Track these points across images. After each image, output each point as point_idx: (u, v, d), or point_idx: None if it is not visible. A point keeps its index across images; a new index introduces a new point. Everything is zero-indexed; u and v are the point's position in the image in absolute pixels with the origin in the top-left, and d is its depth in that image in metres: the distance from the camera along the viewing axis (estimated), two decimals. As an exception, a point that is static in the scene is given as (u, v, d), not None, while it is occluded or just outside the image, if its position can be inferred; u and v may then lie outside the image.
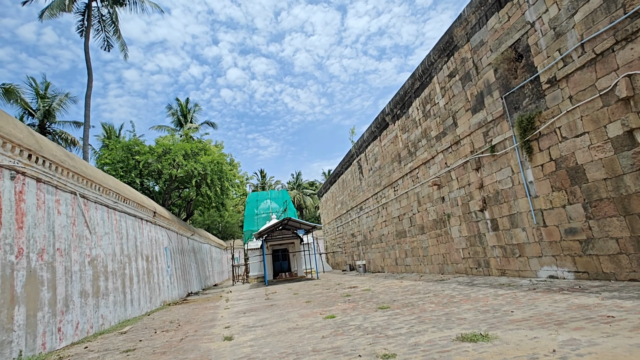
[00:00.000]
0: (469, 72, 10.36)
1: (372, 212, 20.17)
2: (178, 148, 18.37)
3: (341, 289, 12.27)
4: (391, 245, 17.57)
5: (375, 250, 20.02)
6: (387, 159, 17.17)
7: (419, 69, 13.17)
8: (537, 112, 8.01)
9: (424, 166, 13.56)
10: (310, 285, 15.78)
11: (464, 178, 11.03)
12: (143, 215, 13.41)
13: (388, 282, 12.83)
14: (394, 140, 16.29)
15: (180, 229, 19.74)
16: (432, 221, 13.26)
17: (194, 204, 26.88)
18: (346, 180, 25.15)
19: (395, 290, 9.85)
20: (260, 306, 10.36)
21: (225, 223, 48.31)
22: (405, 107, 14.82)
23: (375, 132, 18.49)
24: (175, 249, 18.03)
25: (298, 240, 26.05)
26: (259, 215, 36.38)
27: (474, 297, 7.02)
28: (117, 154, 17.86)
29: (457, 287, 8.82)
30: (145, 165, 17.97)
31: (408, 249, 15.63)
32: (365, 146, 20.29)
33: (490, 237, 10.00)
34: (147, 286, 12.67)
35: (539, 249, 8.29)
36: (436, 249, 13.17)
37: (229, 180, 20.88)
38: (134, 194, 12.60)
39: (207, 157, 18.84)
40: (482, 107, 9.87)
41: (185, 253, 20.61)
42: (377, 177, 18.74)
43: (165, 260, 15.94)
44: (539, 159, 8.10)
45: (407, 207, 15.42)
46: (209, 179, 18.58)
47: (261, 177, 54.82)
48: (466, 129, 10.67)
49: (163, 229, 16.34)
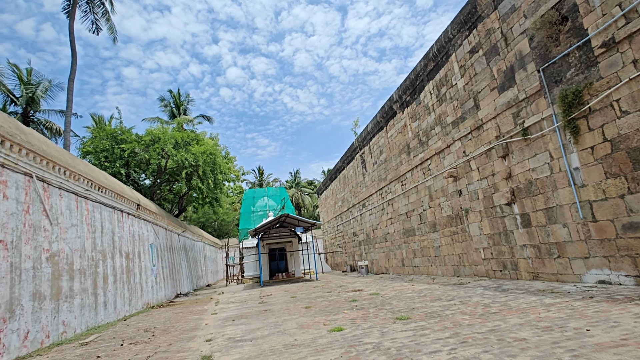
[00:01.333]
0: (495, 45, 9.02)
1: (376, 209, 18.80)
2: (168, 137, 16.95)
3: (345, 292, 10.90)
4: (397, 245, 16.20)
5: (379, 250, 18.65)
6: (394, 150, 15.81)
7: (433, 48, 11.82)
8: (586, 84, 6.67)
9: (437, 156, 12.20)
10: (309, 287, 14.40)
11: (487, 167, 9.68)
12: (124, 207, 11.99)
13: (397, 285, 11.47)
14: (402, 129, 14.93)
15: (169, 225, 18.32)
16: (446, 217, 11.91)
17: (186, 199, 25.45)
18: (348, 176, 23.78)
19: (409, 295, 8.48)
20: (252, 312, 8.97)
21: (220, 221, 46.83)
22: (416, 92, 13.47)
23: (381, 122, 17.14)
24: (163, 246, 16.61)
25: (296, 239, 24.64)
26: (255, 213, 34.98)
27: (516, 306, 5.65)
28: (100, 142, 16.42)
29: (485, 292, 7.46)
30: (131, 155, 16.53)
31: (417, 249, 14.27)
32: (370, 138, 18.94)
33: (519, 234, 8.65)
34: (125, 287, 11.25)
35: (586, 249, 6.94)
36: (450, 249, 11.81)
37: (223, 174, 19.45)
38: (112, 182, 11.19)
39: (199, 147, 17.42)
40: (512, 84, 8.52)
41: (175, 251, 19.19)
42: (383, 171, 17.38)
43: (151, 258, 14.52)
44: (587, 140, 6.75)
45: (416, 203, 14.06)
46: (200, 171, 17.15)
47: (259, 175, 53.39)
48: (491, 111, 9.32)
49: (149, 223, 14.92)
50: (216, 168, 18.49)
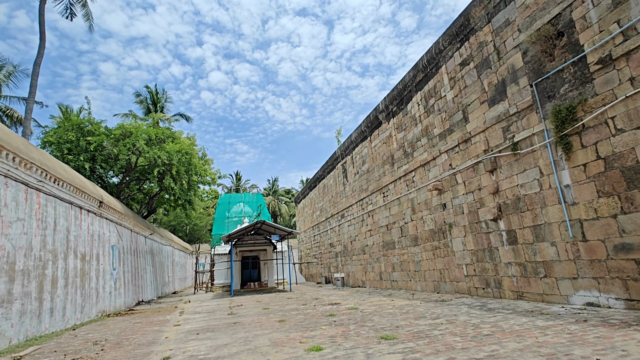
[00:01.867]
0: (487, 58, 8.91)
1: (355, 220, 18.38)
2: (141, 132, 15.91)
3: (321, 306, 10.27)
4: (376, 258, 15.78)
5: (356, 263, 18.16)
6: (378, 161, 15.53)
7: (423, 59, 11.69)
8: (580, 100, 6.55)
9: (422, 168, 11.97)
10: (282, 299, 13.64)
11: (474, 182, 9.47)
12: (83, 203, 10.91)
13: (375, 299, 10.96)
14: (387, 140, 14.69)
15: (136, 226, 17.09)
16: (429, 231, 11.61)
17: (157, 201, 24.10)
18: (328, 185, 23.33)
19: (390, 311, 7.98)
20: (220, 324, 8.17)
21: (192, 225, 45.00)
22: (403, 102, 13.29)
23: (365, 132, 16.88)
24: (126, 248, 15.38)
25: (271, 248, 23.79)
26: (230, 218, 33.81)
27: (508, 328, 5.26)
28: (65, 133, 15.16)
29: (471, 311, 7.08)
30: (98, 149, 15.34)
31: (396, 263, 13.88)
32: (353, 148, 18.63)
33: (504, 252, 8.40)
34: (78, 292, 10.12)
35: (574, 269, 6.72)
36: (432, 264, 11.49)
37: (199, 175, 18.48)
38: (71, 175, 10.14)
39: (174, 145, 16.45)
40: (504, 98, 8.39)
41: (140, 254, 17.89)
42: (364, 181, 17.05)
43: (111, 261, 13.33)
44: (580, 157, 6.60)
45: (398, 215, 13.74)
46: (174, 170, 16.15)
47: (236, 180, 52.08)
48: (480, 125, 9.16)
49: (112, 223, 13.76)
50: (191, 169, 17.52)
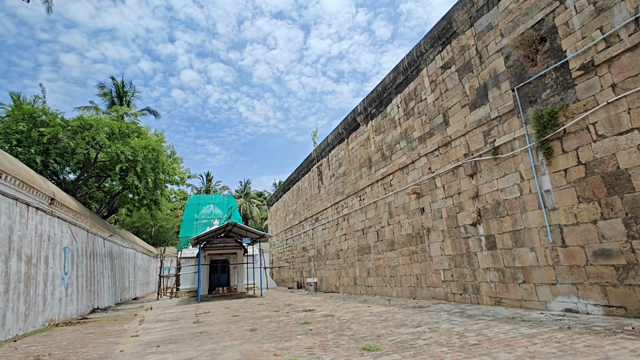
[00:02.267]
0: (469, 62, 8.89)
1: (330, 224, 18.03)
2: (102, 125, 14.72)
3: (294, 312, 9.75)
4: (350, 263, 15.47)
5: (330, 267, 17.78)
6: (355, 164, 15.29)
7: (404, 62, 11.60)
8: (562, 106, 6.56)
9: (401, 172, 11.82)
10: (253, 305, 12.96)
11: (453, 186, 9.38)
12: (31, 199, 9.77)
13: (351, 305, 10.59)
14: (364, 142, 14.49)
15: (93, 227, 15.76)
16: (406, 236, 11.44)
17: (119, 200, 22.57)
18: (302, 188, 22.86)
19: (368, 319, 7.63)
20: (184, 334, 7.46)
21: (158, 227, 42.85)
22: (382, 105, 13.14)
23: (342, 134, 16.62)
24: (81, 250, 14.08)
25: (241, 251, 22.92)
26: (199, 220, 32.51)
27: (494, 337, 5.04)
28: (14, 123, 13.71)
29: (452, 318, 6.86)
30: (53, 141, 14.00)
31: (372, 268, 13.63)
32: (329, 150, 18.32)
33: (483, 257, 8.32)
34: (22, 299, 8.97)
35: (553, 275, 6.69)
36: (408, 269, 11.31)
37: (166, 174, 17.41)
38: (17, 167, 9.03)
39: (140, 140, 15.36)
40: (485, 102, 8.36)
41: (97, 257, 16.52)
42: (340, 184, 16.75)
43: (63, 264, 12.10)
44: (561, 162, 6.60)
45: (374, 219, 13.51)
46: (139, 167, 15.04)
47: (206, 181, 50.35)
48: (460, 128, 9.10)
49: (65, 223, 12.52)
50: (158, 166, 16.45)
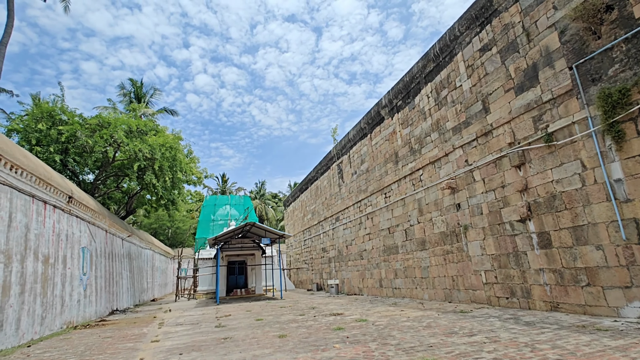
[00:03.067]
0: (514, 42, 8.06)
1: (352, 224, 17.30)
2: (120, 123, 14.44)
3: (322, 317, 9.08)
4: (375, 263, 14.70)
5: (352, 268, 17.04)
6: (379, 159, 14.54)
7: (434, 48, 10.81)
8: (636, 81, 5.70)
9: (432, 166, 11.02)
10: (274, 308, 12.36)
11: (495, 179, 8.54)
12: (48, 197, 9.43)
13: (381, 309, 9.85)
14: (390, 137, 13.73)
15: (112, 227, 15.50)
16: (439, 234, 10.62)
17: (137, 200, 22.43)
18: (321, 187, 22.21)
19: (407, 325, 6.88)
20: (207, 340, 6.88)
21: (175, 228, 42.96)
22: (410, 96, 12.37)
23: (365, 129, 15.90)
24: (100, 251, 13.80)
25: (259, 252, 22.42)
26: (215, 221, 32.27)
27: (576, 350, 4.24)
28: (33, 121, 13.54)
29: (507, 325, 6.05)
30: (71, 139, 13.77)
31: (399, 269, 12.83)
32: (350, 146, 17.62)
33: (535, 257, 7.46)
34: (38, 301, 8.60)
35: (627, 277, 5.81)
36: (442, 270, 10.48)
37: (184, 172, 17.05)
38: (34, 163, 8.68)
39: (157, 138, 15.02)
40: (534, 84, 7.52)
41: (116, 258, 16.26)
42: (363, 181, 16.02)
43: (81, 264, 11.78)
44: (635, 147, 5.72)
45: (402, 217, 12.73)
46: (156, 166, 14.68)
47: (222, 182, 50.33)
48: (504, 115, 8.27)
49: (84, 222, 12.22)
50: (176, 165, 16.09)
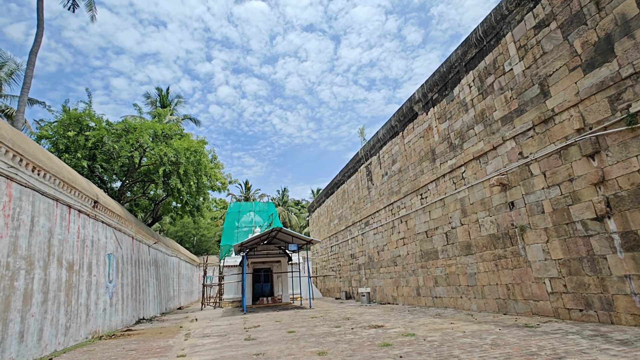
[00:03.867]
0: (578, 13, 7.02)
1: (383, 228, 16.31)
2: (145, 127, 14.25)
3: (360, 329, 8.18)
4: (411, 270, 13.63)
5: (385, 276, 16.00)
6: (413, 158, 13.57)
7: (477, 31, 9.85)
8: None
9: (477, 162, 9.97)
10: (305, 318, 11.54)
11: (560, 171, 7.44)
12: (73, 201, 9.11)
13: (426, 321, 8.83)
14: (425, 133, 12.77)
15: (138, 233, 15.26)
16: (488, 237, 9.51)
17: (162, 207, 22.37)
18: (348, 191, 21.36)
19: (467, 342, 5.89)
20: (238, 356, 6.15)
21: (200, 236, 43.16)
22: (447, 87, 11.41)
23: (396, 127, 14.99)
24: (126, 258, 13.51)
25: (285, 259, 21.74)
26: (239, 228, 31.98)
27: None
28: (61, 128, 13.55)
29: (599, 346, 4.96)
30: (98, 145, 13.67)
31: (440, 276, 11.74)
32: (380, 146, 16.73)
33: (618, 261, 6.30)
34: (62, 309, 8.20)
35: None
36: (493, 277, 9.35)
37: (209, 177, 16.69)
38: (58, 165, 8.37)
39: (182, 142, 14.73)
40: (609, 58, 6.44)
41: (142, 265, 16.00)
42: (395, 183, 15.06)
43: (107, 272, 11.45)
44: None
45: (441, 219, 11.67)
46: (182, 170, 14.36)
47: (245, 189, 50.39)
48: (569, 97, 7.20)
49: (109, 228, 11.94)
50: (201, 169, 15.74)
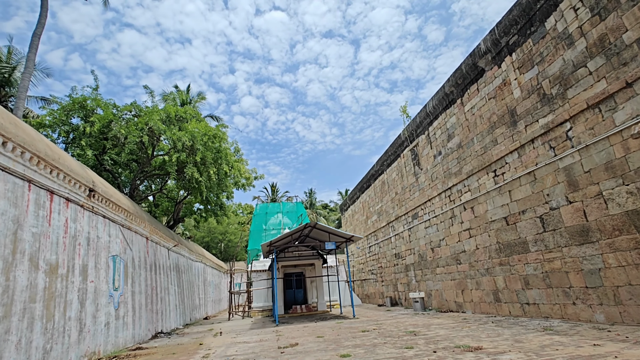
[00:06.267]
0: None
1: (438, 219, 13.49)
2: (156, 109, 12.32)
3: (448, 353, 5.52)
4: (484, 268, 10.74)
5: (443, 277, 13.13)
6: (480, 127, 10.78)
7: None
8: None
9: (593, 111, 7.09)
10: (354, 331, 8.96)
11: None
12: (57, 185, 7.09)
13: (541, 339, 6.02)
14: (497, 91, 9.97)
15: (154, 234, 13.31)
16: (624, 216, 6.59)
17: (184, 208, 20.58)
18: (389, 181, 18.64)
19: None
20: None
21: (227, 242, 41.56)
22: (534, 22, 8.60)
23: (451, 94, 12.24)
24: (138, 261, 11.52)
25: (320, 262, 19.24)
26: (267, 231, 29.89)
27: None
28: (64, 114, 11.85)
29: None
30: (104, 131, 11.84)
31: (533, 274, 8.81)
32: (429, 122, 13.99)
33: None
34: (37, 326, 6.09)
35: None
36: (635, 274, 6.40)
37: (230, 166, 14.54)
38: (27, 133, 6.32)
39: (197, 124, 12.68)
40: None
41: (161, 270, 14.03)
42: (454, 162, 12.27)
43: (112, 277, 9.41)
44: None
45: (531, 199, 8.79)
46: (198, 157, 12.26)
47: (272, 192, 48.58)
48: None
49: (114, 225, 9.94)
50: (221, 157, 13.61)
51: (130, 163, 13.63)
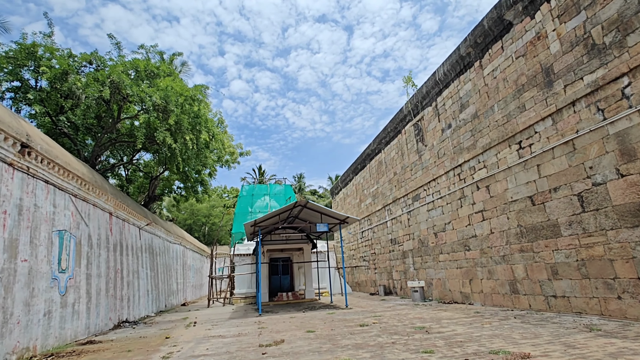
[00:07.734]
0: None
1: (443, 200, 12.09)
2: (121, 62, 10.35)
3: (476, 357, 4.10)
4: (499, 255, 9.41)
5: (448, 264, 11.81)
6: (502, 93, 9.27)
7: None
8: None
9: (665, 60, 5.61)
10: (350, 325, 7.52)
11: None
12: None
13: (597, 342, 4.66)
14: (529, 47, 8.43)
15: (119, 209, 11.51)
16: (703, 190, 5.20)
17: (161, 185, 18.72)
18: (387, 161, 17.14)
19: None
20: None
21: (211, 224, 39.73)
22: (583, -43, 7.01)
23: (468, 56, 10.67)
24: (97, 238, 9.76)
25: (309, 246, 17.77)
26: (253, 214, 28.15)
27: None
28: (5, 61, 9.78)
29: None
30: (55, 84, 9.84)
31: (565, 262, 7.48)
32: (438, 92, 12.43)
33: None
34: None
35: None
36: None
37: (212, 135, 12.72)
38: None
39: (172, 82, 10.79)
40: None
41: (129, 251, 12.29)
42: (467, 135, 10.79)
43: (57, 256, 7.67)
44: None
45: (567, 174, 7.38)
46: (172, 120, 10.42)
47: (259, 174, 46.72)
48: None
49: (62, 193, 8.14)
50: (200, 122, 11.77)
51: (94, 127, 11.65)
